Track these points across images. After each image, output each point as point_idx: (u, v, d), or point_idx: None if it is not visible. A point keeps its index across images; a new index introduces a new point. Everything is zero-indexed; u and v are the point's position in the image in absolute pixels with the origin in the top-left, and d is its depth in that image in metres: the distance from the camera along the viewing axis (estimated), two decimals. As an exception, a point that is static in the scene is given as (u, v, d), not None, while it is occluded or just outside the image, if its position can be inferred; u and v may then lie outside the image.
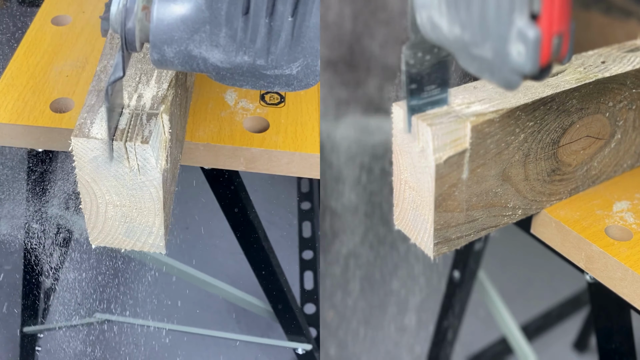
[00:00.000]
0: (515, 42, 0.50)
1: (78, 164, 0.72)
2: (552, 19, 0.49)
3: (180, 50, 0.66)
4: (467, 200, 0.74)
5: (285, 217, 1.98)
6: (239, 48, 0.66)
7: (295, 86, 0.69)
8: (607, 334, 0.96)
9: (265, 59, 0.67)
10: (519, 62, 0.51)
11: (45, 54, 1.04)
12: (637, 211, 0.84)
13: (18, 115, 0.93)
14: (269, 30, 0.65)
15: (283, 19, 0.64)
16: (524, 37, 0.49)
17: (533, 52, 0.49)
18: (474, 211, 0.76)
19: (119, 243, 0.79)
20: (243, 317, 1.75)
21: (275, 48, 0.66)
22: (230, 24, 0.65)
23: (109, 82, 0.67)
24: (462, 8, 0.53)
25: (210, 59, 0.67)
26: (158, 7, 0.65)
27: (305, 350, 1.50)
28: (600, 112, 0.81)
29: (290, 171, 0.95)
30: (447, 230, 0.75)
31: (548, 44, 0.49)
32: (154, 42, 0.66)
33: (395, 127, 0.73)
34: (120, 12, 0.66)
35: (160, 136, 0.73)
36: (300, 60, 0.67)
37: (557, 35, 0.50)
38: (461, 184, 0.72)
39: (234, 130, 0.95)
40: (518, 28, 0.49)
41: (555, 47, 0.50)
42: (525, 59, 0.50)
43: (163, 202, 0.75)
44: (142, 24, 0.67)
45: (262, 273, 1.32)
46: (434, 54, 0.64)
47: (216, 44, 0.66)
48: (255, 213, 1.19)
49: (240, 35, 0.65)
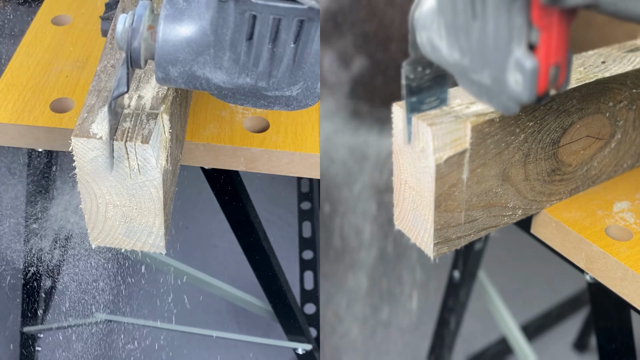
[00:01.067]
0: (513, 71, 0.51)
1: (78, 164, 0.72)
2: (549, 49, 0.50)
3: (185, 70, 0.67)
4: (467, 200, 0.74)
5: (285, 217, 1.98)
6: (242, 70, 0.68)
7: (294, 106, 0.71)
8: (607, 334, 0.96)
9: (267, 81, 0.69)
10: (516, 90, 0.52)
11: (45, 54, 1.04)
12: (637, 211, 0.84)
13: (18, 115, 0.93)
14: (272, 56, 0.67)
15: (286, 45, 0.66)
16: (521, 67, 0.50)
17: (530, 82, 0.50)
18: (474, 211, 0.76)
19: (119, 243, 0.79)
20: (243, 317, 1.75)
21: (277, 72, 0.68)
22: (234, 48, 0.66)
23: (112, 96, 0.68)
24: (462, 35, 0.54)
25: (213, 79, 0.68)
26: (164, 27, 0.66)
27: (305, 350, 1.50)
28: (601, 112, 0.81)
29: (290, 171, 0.95)
30: (447, 230, 0.75)
31: (545, 74, 0.50)
32: (158, 61, 0.67)
33: (395, 127, 0.73)
34: (127, 31, 0.67)
35: (161, 136, 0.73)
36: (300, 84, 0.69)
37: (554, 66, 0.50)
38: (461, 184, 0.72)
39: (234, 130, 0.95)
40: (516, 58, 0.50)
41: (552, 76, 0.51)
42: (523, 88, 0.51)
43: (163, 202, 0.75)
44: (147, 43, 0.68)
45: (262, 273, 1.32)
46: (433, 68, 0.64)
47: (220, 66, 0.67)
48: (255, 213, 1.19)
49: (244, 59, 0.67)
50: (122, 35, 0.67)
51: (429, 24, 0.57)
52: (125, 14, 0.68)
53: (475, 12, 0.51)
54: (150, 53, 0.68)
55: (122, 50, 0.68)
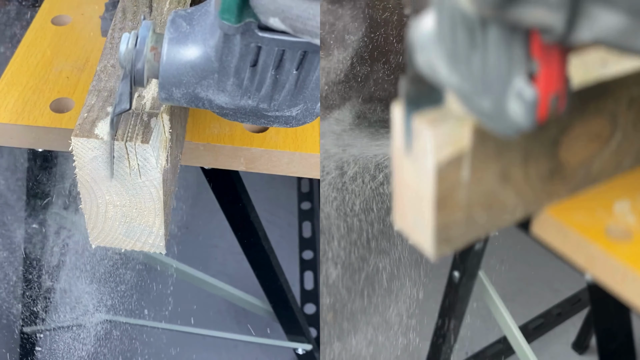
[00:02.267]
0: (513, 100, 0.51)
1: (78, 164, 0.72)
2: (549, 80, 0.50)
3: (188, 92, 0.68)
4: (467, 200, 0.74)
5: (285, 217, 1.98)
6: (244, 94, 0.69)
7: (293, 124, 0.73)
8: (607, 334, 0.96)
9: (269, 104, 0.70)
10: (516, 119, 0.52)
11: (45, 54, 1.04)
12: (637, 211, 0.84)
13: (18, 115, 0.93)
14: (274, 82, 0.68)
15: (289, 73, 0.67)
16: (521, 97, 0.50)
17: (530, 111, 0.51)
18: (474, 211, 0.76)
19: (119, 243, 0.79)
20: (243, 317, 1.75)
21: (279, 96, 0.69)
22: (238, 74, 0.67)
23: (114, 113, 0.69)
24: (462, 61, 0.54)
25: (216, 100, 0.69)
26: (168, 51, 0.66)
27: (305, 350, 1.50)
28: (601, 112, 0.81)
29: (290, 171, 0.95)
30: (447, 230, 0.75)
31: (545, 102, 0.51)
32: (162, 83, 0.67)
33: (394, 126, 0.73)
34: (130, 52, 0.68)
35: (161, 136, 0.73)
36: (300, 105, 0.71)
37: (554, 95, 0.51)
38: (461, 184, 0.72)
39: (234, 130, 0.95)
40: (516, 88, 0.51)
41: (552, 105, 0.51)
42: (523, 117, 0.52)
43: (163, 202, 0.75)
44: (151, 64, 0.68)
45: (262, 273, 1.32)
46: None
47: (223, 89, 0.68)
48: (255, 213, 1.20)
49: (247, 83, 0.68)
50: (126, 56, 0.68)
51: (428, 47, 0.57)
52: (128, 33, 0.68)
53: (475, 43, 0.52)
54: (154, 73, 0.68)
55: (123, 68, 0.69)
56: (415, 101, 0.67)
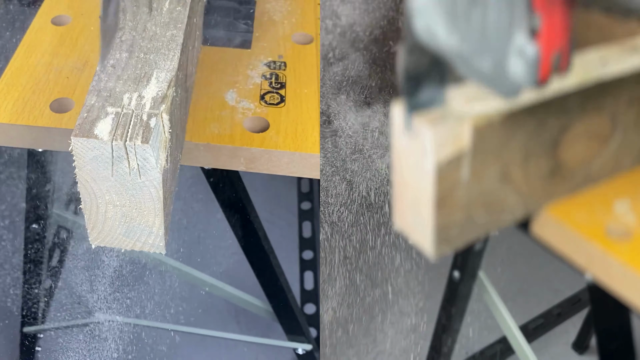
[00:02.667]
0: (514, 58, 0.50)
1: (78, 163, 0.72)
2: (551, 36, 0.49)
3: None
4: (467, 200, 0.74)
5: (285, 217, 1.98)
6: None
7: None
8: (607, 334, 0.96)
9: None
10: (517, 77, 0.51)
11: (45, 54, 1.04)
12: (637, 211, 0.84)
13: (18, 115, 0.93)
14: None
15: None
16: (522, 54, 0.49)
17: (532, 69, 0.50)
18: (474, 211, 0.76)
19: (118, 243, 0.79)
20: (243, 317, 1.75)
21: None
22: None
23: None
24: (462, 19, 0.53)
25: None
26: None
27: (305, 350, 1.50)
28: (601, 112, 0.81)
29: (290, 171, 0.95)
30: (447, 230, 0.75)
31: (547, 60, 0.50)
32: None
33: (394, 126, 0.73)
34: None
35: (160, 136, 0.73)
36: None
37: (556, 52, 0.50)
38: (461, 184, 0.72)
39: (234, 130, 0.95)
40: (517, 44, 0.50)
41: (554, 62, 0.50)
42: (524, 75, 0.50)
43: (163, 202, 0.75)
44: None
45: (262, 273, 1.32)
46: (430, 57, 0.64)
47: None
48: (255, 213, 1.20)
49: None
50: None
51: (427, 8, 0.57)
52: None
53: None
54: None
55: None
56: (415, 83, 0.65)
